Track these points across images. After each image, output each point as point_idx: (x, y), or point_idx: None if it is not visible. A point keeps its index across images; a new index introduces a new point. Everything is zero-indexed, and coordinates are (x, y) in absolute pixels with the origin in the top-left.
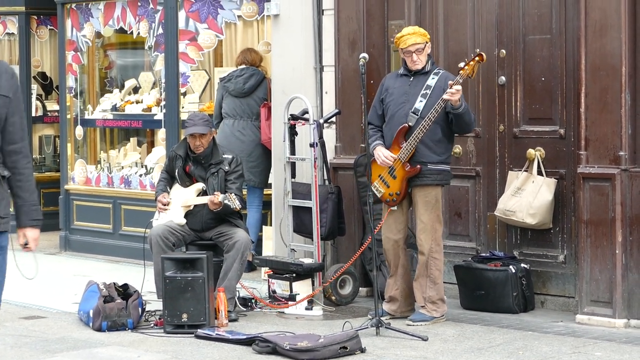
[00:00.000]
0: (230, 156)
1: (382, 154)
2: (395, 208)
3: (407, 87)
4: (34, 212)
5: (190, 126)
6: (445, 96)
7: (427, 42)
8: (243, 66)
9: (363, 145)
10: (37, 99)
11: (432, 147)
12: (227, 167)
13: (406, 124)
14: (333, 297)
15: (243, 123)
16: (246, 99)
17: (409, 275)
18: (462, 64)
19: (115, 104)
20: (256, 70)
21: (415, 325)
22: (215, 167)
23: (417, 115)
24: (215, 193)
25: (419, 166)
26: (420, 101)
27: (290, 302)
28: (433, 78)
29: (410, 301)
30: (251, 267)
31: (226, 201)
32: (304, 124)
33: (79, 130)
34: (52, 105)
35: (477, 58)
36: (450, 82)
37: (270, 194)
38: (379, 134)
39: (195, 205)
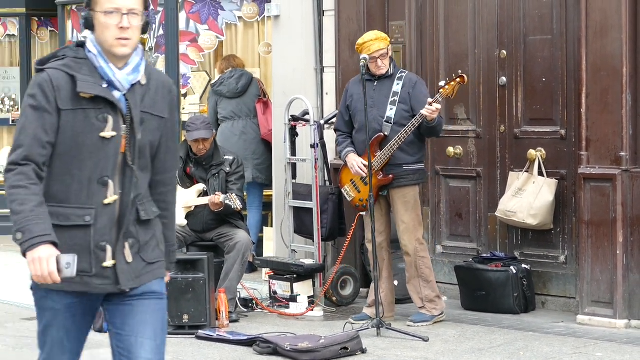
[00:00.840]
0: (231, 157)
1: (356, 163)
2: (364, 214)
3: (372, 92)
4: (173, 254)
5: (193, 130)
6: (424, 112)
7: (389, 46)
8: (230, 69)
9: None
10: None
11: (406, 149)
12: (228, 169)
13: (382, 133)
14: (334, 298)
15: (242, 122)
16: (242, 99)
17: (391, 280)
18: (442, 83)
19: None
20: (244, 71)
21: (416, 326)
22: (216, 169)
23: (391, 123)
24: (216, 193)
25: (391, 175)
26: (391, 109)
27: (290, 306)
28: (398, 84)
29: (392, 307)
30: (252, 268)
31: (227, 201)
32: (304, 125)
33: None
34: None
35: (458, 79)
36: (430, 99)
37: (271, 195)
38: (349, 140)
39: (196, 207)
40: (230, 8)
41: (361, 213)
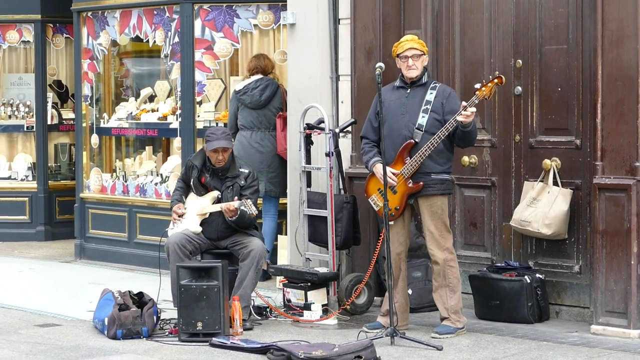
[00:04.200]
0: (247, 171)
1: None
2: (392, 223)
3: (404, 99)
4: None
5: (214, 140)
6: (459, 117)
7: (424, 53)
8: (257, 77)
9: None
10: (53, 107)
11: (435, 158)
12: (242, 182)
13: (412, 140)
14: (348, 307)
15: (261, 134)
16: (263, 110)
17: (406, 289)
18: (478, 85)
19: (131, 113)
20: (270, 80)
21: (441, 338)
22: (231, 181)
23: (422, 130)
24: (233, 200)
25: (421, 183)
26: (423, 117)
27: (304, 314)
28: (431, 93)
29: (406, 315)
30: (266, 276)
31: (242, 207)
32: (319, 133)
33: (95, 139)
34: (67, 114)
35: (496, 80)
36: (464, 103)
37: (286, 203)
38: (375, 149)
39: (210, 214)
40: (245, 16)
41: (389, 222)
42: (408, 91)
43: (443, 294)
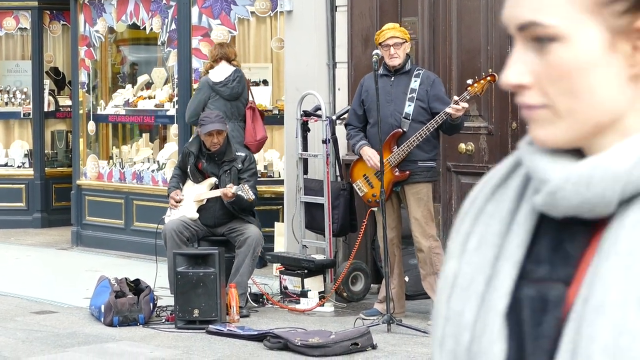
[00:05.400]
0: (243, 154)
1: (372, 156)
2: (376, 209)
3: (389, 87)
4: None
5: (207, 123)
6: (450, 111)
7: (406, 40)
8: (231, 68)
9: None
10: (50, 94)
11: (422, 145)
12: (240, 165)
13: (400, 129)
14: (345, 294)
15: (231, 125)
16: (235, 102)
17: (402, 275)
18: (470, 81)
19: (128, 100)
20: (241, 72)
21: None
22: (228, 165)
23: (409, 119)
24: (228, 185)
25: (408, 172)
26: (409, 105)
27: (302, 302)
28: (415, 80)
29: (402, 302)
30: (262, 263)
31: (240, 192)
32: (316, 121)
33: (91, 126)
34: (64, 101)
35: (488, 78)
36: (455, 97)
37: (281, 190)
38: (361, 134)
39: (207, 200)
40: (242, 3)
41: (373, 208)
42: (392, 79)
43: (432, 282)
